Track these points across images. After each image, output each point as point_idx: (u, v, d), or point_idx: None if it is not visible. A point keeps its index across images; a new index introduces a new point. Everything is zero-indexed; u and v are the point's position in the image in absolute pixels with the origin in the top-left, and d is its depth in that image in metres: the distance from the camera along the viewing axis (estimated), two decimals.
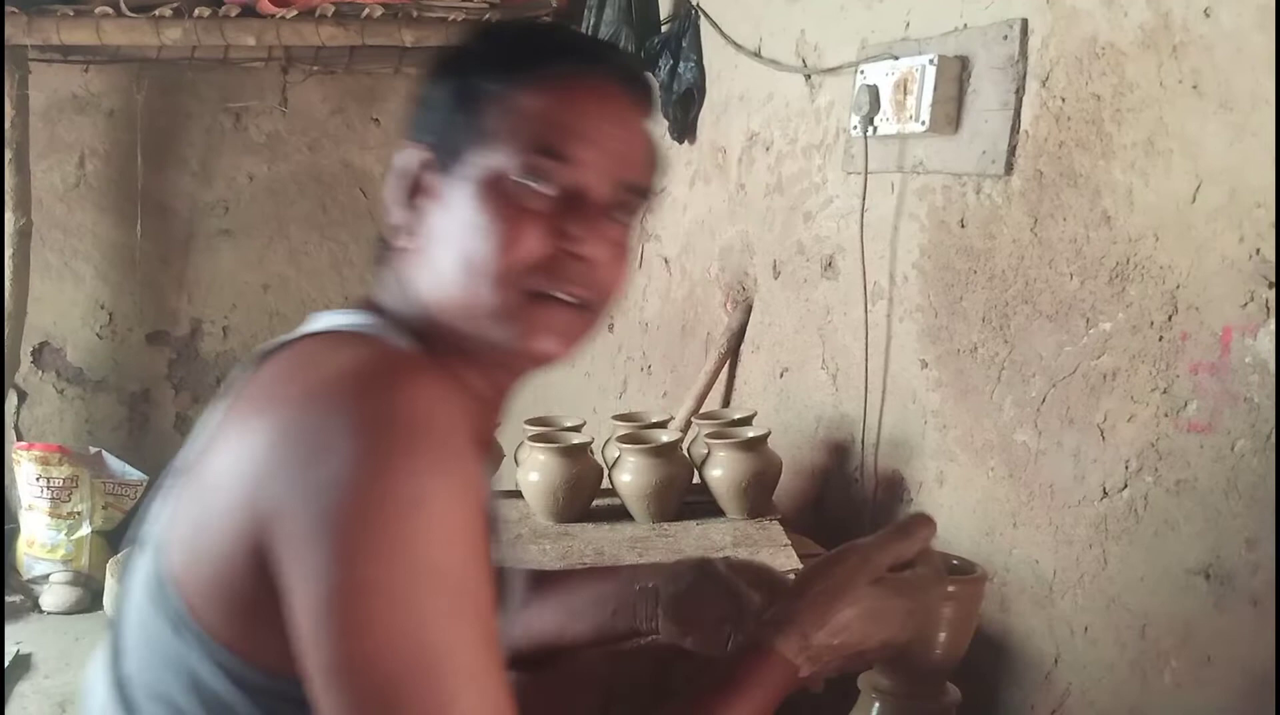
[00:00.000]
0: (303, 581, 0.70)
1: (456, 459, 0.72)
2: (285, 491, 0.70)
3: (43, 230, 3.57)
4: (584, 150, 0.83)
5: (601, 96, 0.85)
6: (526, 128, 0.83)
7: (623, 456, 1.77)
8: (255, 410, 0.76)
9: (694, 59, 2.51)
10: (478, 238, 0.82)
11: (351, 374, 0.74)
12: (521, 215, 0.82)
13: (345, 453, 0.69)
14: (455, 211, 0.83)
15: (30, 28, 2.94)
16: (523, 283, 0.82)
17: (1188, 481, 1.30)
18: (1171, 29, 1.32)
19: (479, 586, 0.73)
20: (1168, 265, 1.33)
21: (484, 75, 0.85)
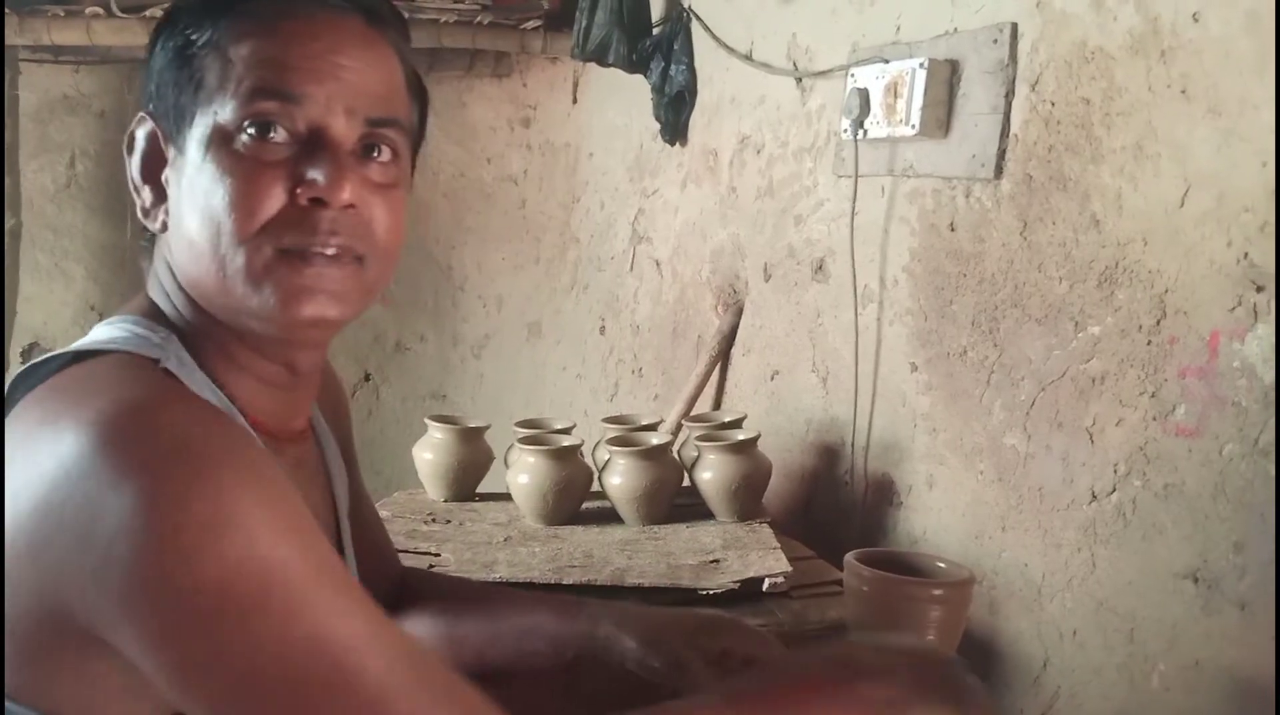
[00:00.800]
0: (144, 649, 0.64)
1: (234, 467, 0.65)
2: (79, 566, 0.63)
3: (33, 231, 3.56)
4: (311, 86, 0.77)
5: (326, 25, 0.79)
6: (246, 74, 0.76)
7: (613, 459, 1.77)
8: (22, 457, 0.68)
9: (685, 61, 2.51)
10: (214, 202, 0.76)
11: (104, 422, 0.65)
12: (256, 169, 0.76)
13: (121, 511, 0.62)
14: (190, 179, 0.77)
15: (21, 28, 2.92)
16: (271, 242, 0.76)
17: (1176, 485, 1.30)
18: (1160, 34, 1.32)
19: (325, 563, 0.68)
20: (1156, 269, 1.33)
21: (195, 27, 0.78)
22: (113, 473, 0.63)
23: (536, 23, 3.07)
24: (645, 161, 2.84)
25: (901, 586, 1.17)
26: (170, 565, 0.62)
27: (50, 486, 0.64)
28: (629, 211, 2.93)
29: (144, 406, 0.67)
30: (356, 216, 0.79)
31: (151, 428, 0.65)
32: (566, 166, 3.39)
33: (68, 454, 0.64)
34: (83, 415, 0.66)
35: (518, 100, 3.58)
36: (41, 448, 0.66)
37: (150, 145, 0.82)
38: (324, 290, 0.78)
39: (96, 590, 0.63)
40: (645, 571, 1.51)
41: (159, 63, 0.80)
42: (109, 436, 0.64)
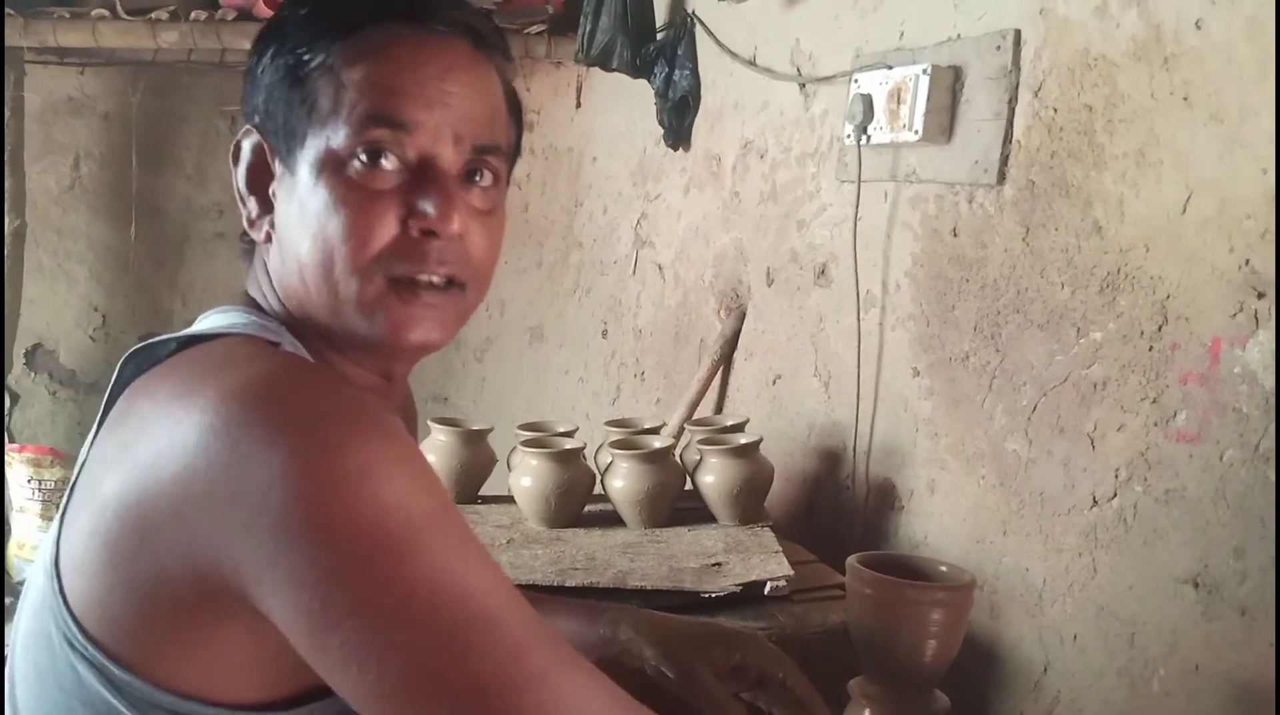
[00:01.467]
0: (290, 591, 0.65)
1: (377, 426, 0.68)
2: (228, 521, 0.65)
3: (37, 232, 3.57)
4: (422, 113, 0.78)
5: (434, 52, 0.79)
6: (359, 99, 0.77)
7: (615, 462, 1.78)
8: (155, 429, 0.70)
9: (689, 66, 2.52)
10: (328, 228, 0.77)
11: (248, 388, 0.68)
12: (370, 198, 0.77)
13: (274, 462, 0.64)
14: (301, 200, 0.78)
15: (26, 30, 2.93)
16: (383, 271, 0.78)
17: (1177, 491, 1.31)
18: (1163, 41, 1.33)
19: (458, 516, 0.70)
20: (1158, 276, 1.34)
21: (307, 47, 0.79)
22: (265, 431, 0.65)
23: (541, 27, 3.08)
24: (648, 166, 2.85)
25: (903, 590, 1.17)
26: (323, 508, 0.64)
27: (197, 451, 0.66)
28: (632, 216, 2.94)
29: (285, 374, 0.71)
30: (461, 245, 0.80)
31: (297, 391, 0.69)
32: (570, 171, 3.39)
33: (215, 419, 0.67)
34: (226, 384, 0.69)
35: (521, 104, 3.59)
36: (183, 417, 0.68)
37: (257, 158, 0.82)
38: (431, 319, 0.80)
39: (246, 538, 0.65)
40: (647, 574, 1.52)
41: (268, 78, 0.81)
42: (258, 400, 0.67)
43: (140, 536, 0.69)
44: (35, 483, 3.46)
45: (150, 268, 3.81)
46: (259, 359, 0.74)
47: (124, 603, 0.70)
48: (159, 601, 0.69)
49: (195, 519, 0.66)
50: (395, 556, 0.65)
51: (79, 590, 0.72)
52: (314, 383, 0.71)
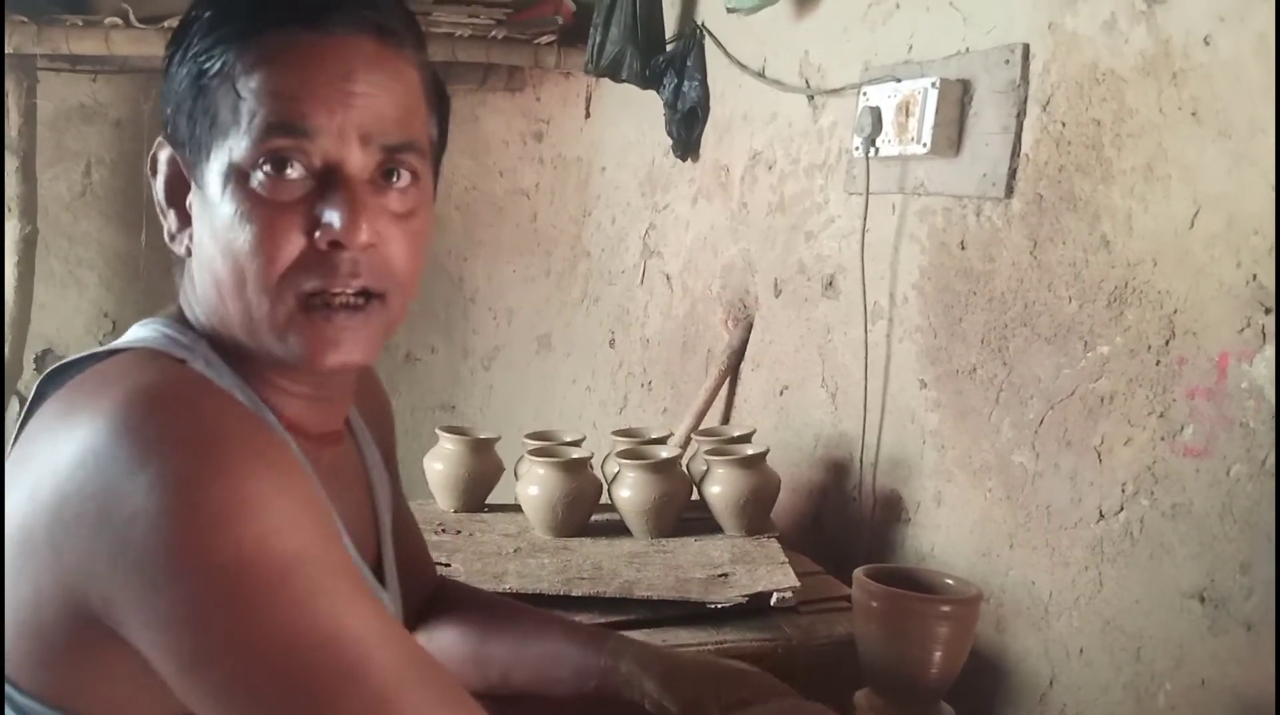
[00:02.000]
0: (154, 632, 0.64)
1: (255, 454, 0.66)
2: (95, 550, 0.64)
3: (48, 238, 3.58)
4: (323, 118, 0.74)
5: (334, 52, 0.75)
6: (257, 108, 0.73)
7: (622, 472, 1.78)
8: (40, 449, 0.69)
9: (698, 78, 2.53)
10: (236, 244, 0.74)
11: (124, 408, 0.66)
12: (275, 211, 0.74)
13: (139, 492, 0.62)
14: (211, 215, 0.75)
15: (40, 37, 2.95)
16: (293, 289, 0.75)
17: (1183, 505, 1.31)
18: (1171, 56, 1.34)
19: (339, 555, 0.68)
20: (1165, 290, 1.34)
21: (205, 54, 0.75)
22: (131, 455, 0.63)
23: (551, 38, 3.10)
24: (657, 176, 2.86)
25: (910, 603, 1.18)
26: (185, 547, 0.62)
27: (69, 474, 0.65)
28: (640, 226, 2.95)
29: (161, 392, 0.68)
30: (376, 254, 0.77)
31: (170, 412, 0.66)
32: (578, 180, 3.40)
33: (86, 439, 0.65)
34: (101, 403, 0.66)
35: (531, 114, 3.60)
36: (61, 437, 0.67)
37: (172, 170, 0.80)
38: (349, 339, 0.77)
39: (111, 572, 0.63)
40: (654, 584, 1.52)
41: (174, 89, 0.78)
42: (127, 420, 0.65)
43: (22, 560, 0.67)
44: None
45: (160, 275, 3.82)
46: (146, 375, 0.71)
47: (16, 630, 0.69)
48: (40, 626, 0.68)
49: (65, 544, 0.65)
50: (259, 600, 0.63)
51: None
52: (194, 403, 0.68)
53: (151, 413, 0.66)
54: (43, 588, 0.67)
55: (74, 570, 0.65)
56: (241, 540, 0.63)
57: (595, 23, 2.64)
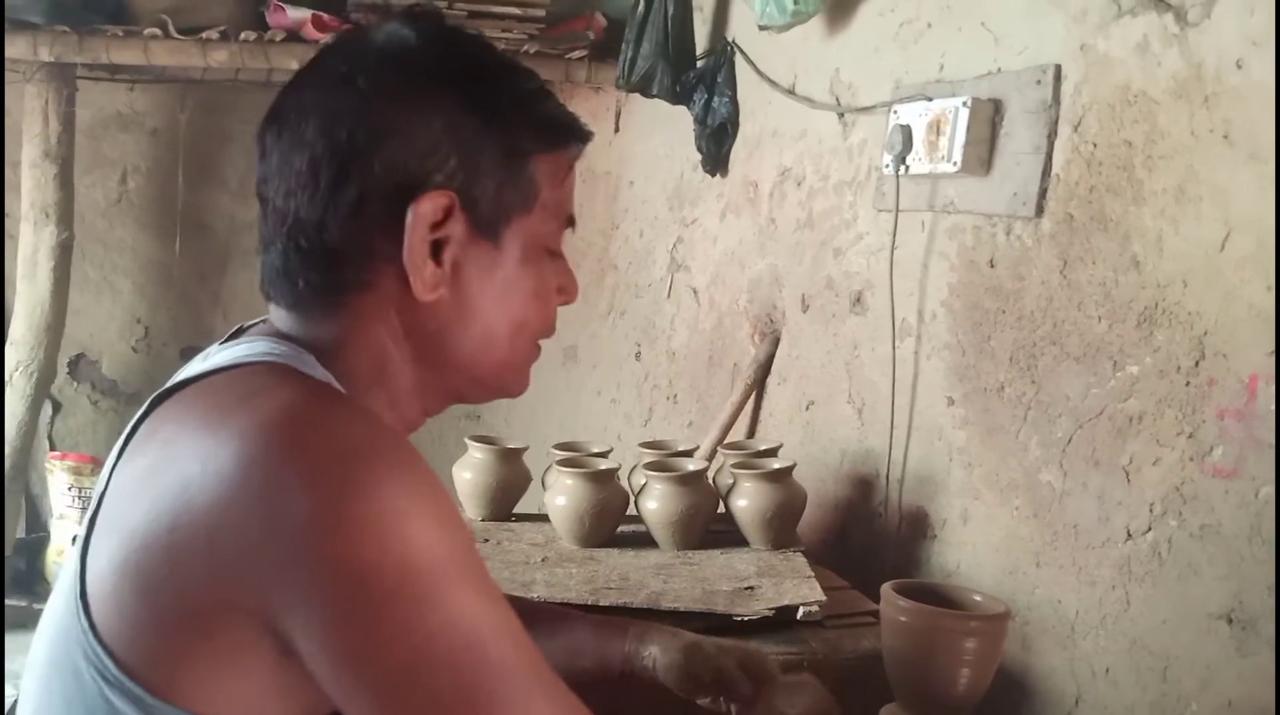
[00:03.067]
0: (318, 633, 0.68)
1: (408, 463, 0.71)
2: (261, 557, 0.67)
3: (84, 244, 3.64)
4: (574, 217, 0.92)
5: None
6: (564, 202, 0.90)
7: (649, 483, 1.79)
8: (185, 456, 0.71)
9: (729, 94, 2.55)
10: (528, 303, 0.88)
11: (281, 418, 0.70)
12: (549, 280, 0.91)
13: (308, 501, 0.67)
14: (506, 276, 0.87)
15: (81, 47, 3.01)
16: (542, 338, 0.93)
17: (1212, 526, 1.31)
18: (1204, 79, 1.34)
19: (477, 562, 0.73)
20: (1195, 311, 1.34)
21: (530, 136, 0.86)
22: (300, 467, 0.68)
23: (582, 53, 3.12)
24: (685, 191, 2.88)
25: (938, 619, 1.19)
26: (358, 548, 0.66)
27: (231, 482, 0.68)
28: (668, 240, 2.97)
29: (316, 405, 0.73)
30: None
31: (329, 424, 0.71)
32: (607, 194, 3.43)
33: (249, 449, 0.69)
34: (258, 412, 0.71)
35: None
36: (215, 445, 0.70)
37: (442, 221, 0.82)
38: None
39: (278, 578, 0.67)
40: (680, 596, 1.53)
41: (472, 144, 0.82)
42: (291, 431, 0.70)
43: (170, 565, 0.70)
44: (75, 490, 3.52)
45: (193, 282, 3.87)
46: (287, 387, 0.75)
47: (153, 632, 0.71)
48: (186, 631, 0.71)
49: (226, 550, 0.68)
50: (419, 602, 0.68)
51: (109, 621, 0.72)
52: (344, 415, 0.73)
53: (307, 426, 0.70)
54: (197, 593, 0.69)
55: (236, 574, 0.68)
56: (406, 543, 0.68)
57: (627, 38, 2.67)
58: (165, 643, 0.71)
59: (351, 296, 0.83)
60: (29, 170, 3.28)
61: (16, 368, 3.31)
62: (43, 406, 3.54)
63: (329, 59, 0.86)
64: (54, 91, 3.24)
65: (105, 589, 0.72)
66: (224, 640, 0.70)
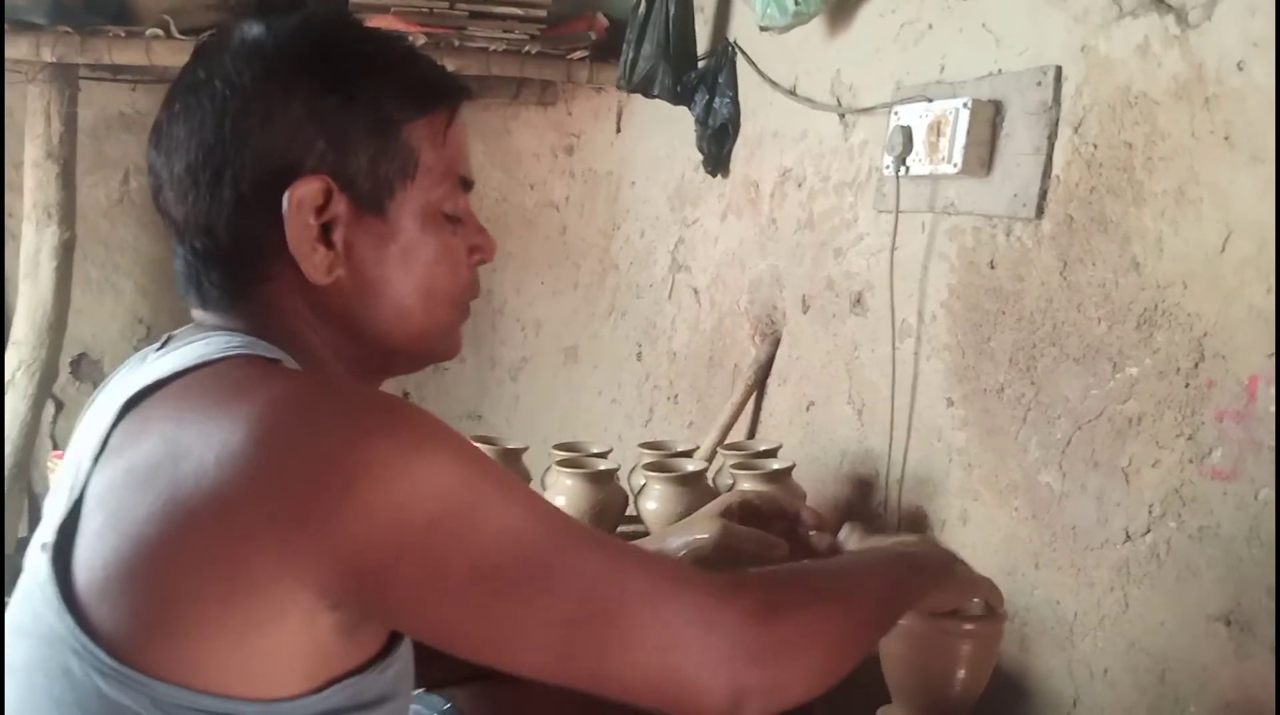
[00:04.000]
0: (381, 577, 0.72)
1: (420, 413, 0.76)
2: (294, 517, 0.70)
3: (86, 245, 3.63)
4: (470, 175, 0.93)
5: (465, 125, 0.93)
6: (453, 164, 0.90)
7: (649, 484, 1.79)
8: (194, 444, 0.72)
9: (730, 95, 2.55)
10: (434, 273, 0.90)
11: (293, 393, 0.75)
12: (455, 243, 0.92)
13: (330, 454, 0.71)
14: (398, 245, 0.88)
15: (83, 47, 3.00)
16: (465, 301, 0.95)
17: (1210, 528, 1.31)
18: (1205, 81, 1.34)
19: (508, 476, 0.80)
20: (1195, 313, 1.34)
21: (398, 106, 0.86)
22: (316, 431, 0.71)
23: (584, 53, 3.12)
24: (686, 191, 2.88)
25: (934, 620, 1.18)
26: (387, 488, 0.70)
27: (251, 458, 0.70)
28: (669, 240, 2.97)
29: (314, 384, 0.78)
30: None
31: (331, 394, 0.76)
32: (608, 194, 3.43)
33: (264, 426, 0.71)
34: (264, 396, 0.73)
35: (562, 128, 3.63)
36: (230, 428, 0.71)
37: (323, 204, 0.84)
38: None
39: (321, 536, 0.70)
40: None
41: (338, 125, 0.84)
42: (302, 405, 0.74)
43: (190, 545, 0.71)
44: None
45: None
46: (279, 373, 0.79)
47: (165, 613, 0.72)
48: (208, 606, 0.71)
49: (256, 524, 0.70)
50: (464, 517, 0.73)
51: (112, 615, 0.72)
52: (341, 385, 0.81)
53: (312, 397, 0.75)
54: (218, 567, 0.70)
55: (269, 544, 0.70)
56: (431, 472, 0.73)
57: (628, 39, 2.67)
58: (182, 627, 0.72)
59: (257, 290, 0.86)
60: (31, 170, 3.28)
61: (19, 367, 3.31)
62: (45, 406, 3.54)
63: (191, 65, 0.87)
64: (56, 92, 3.24)
65: (104, 585, 0.72)
66: (255, 612, 0.71)
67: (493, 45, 3.03)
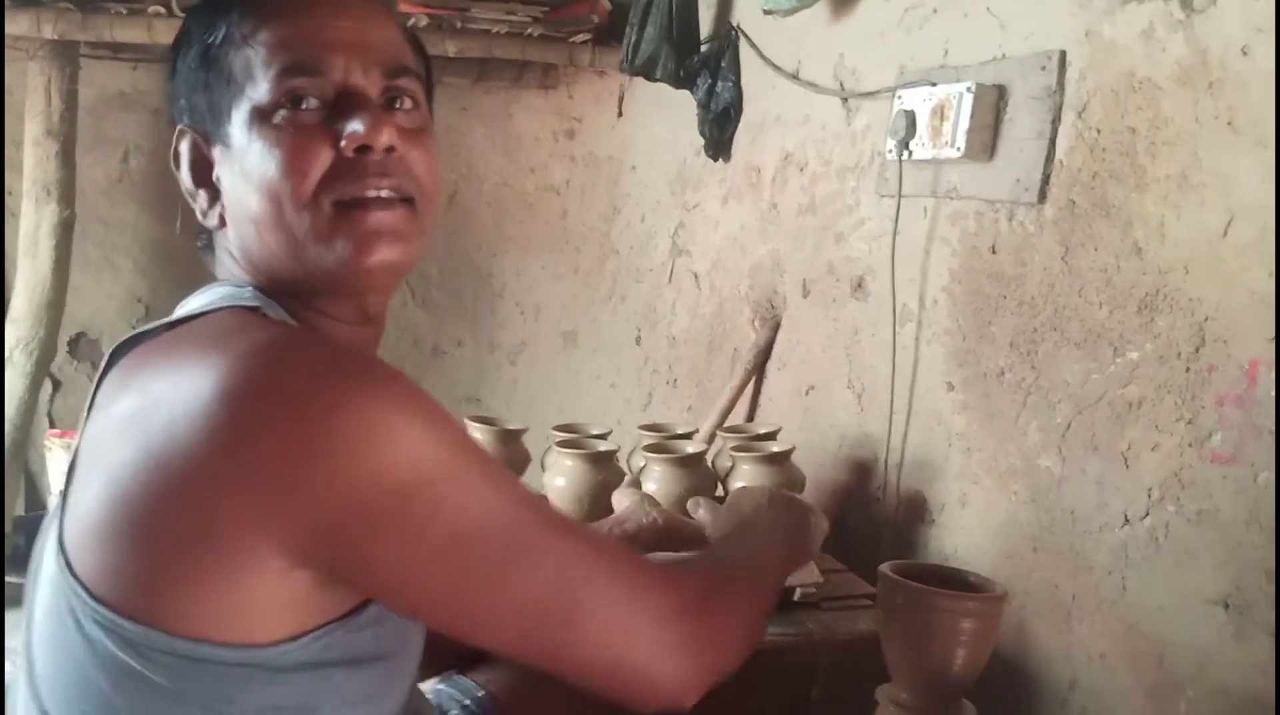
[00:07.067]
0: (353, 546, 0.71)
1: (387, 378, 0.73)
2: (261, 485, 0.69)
3: (84, 223, 3.62)
4: (330, 55, 0.83)
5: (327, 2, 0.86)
6: (272, 57, 0.83)
7: (648, 465, 1.80)
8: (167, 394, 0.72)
9: (732, 79, 2.54)
10: (269, 174, 0.82)
11: (262, 349, 0.72)
12: (299, 134, 0.82)
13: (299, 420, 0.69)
14: (240, 162, 0.84)
15: (84, 24, 2.99)
16: (329, 197, 0.82)
17: (1209, 512, 1.31)
18: (1209, 66, 1.34)
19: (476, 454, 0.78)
20: (1197, 298, 1.35)
21: (208, 31, 0.86)
22: (286, 395, 0.70)
23: (586, 36, 3.11)
24: (687, 176, 2.87)
25: (935, 599, 1.19)
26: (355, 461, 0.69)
27: (217, 416, 0.69)
28: (669, 224, 2.97)
29: (286, 341, 0.75)
30: (399, 161, 0.85)
31: (301, 354, 0.73)
32: (609, 178, 3.42)
33: (231, 383, 0.70)
34: (236, 349, 0.72)
35: (563, 112, 3.62)
36: (200, 380, 0.71)
37: (195, 153, 0.88)
38: (387, 233, 0.84)
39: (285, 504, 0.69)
40: None
41: (183, 75, 0.88)
42: (270, 364, 0.71)
43: (164, 498, 0.71)
44: None
45: (193, 262, 3.78)
46: (256, 326, 0.78)
47: (140, 559, 0.73)
48: (183, 557, 0.72)
49: (223, 481, 0.69)
50: (434, 491, 0.72)
51: (89, 558, 0.74)
52: (313, 344, 0.75)
53: (282, 356, 0.72)
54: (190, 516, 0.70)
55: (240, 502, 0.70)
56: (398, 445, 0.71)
57: (631, 22, 2.66)
58: (154, 569, 0.73)
59: (216, 245, 0.91)
60: (31, 148, 3.27)
61: (16, 345, 3.31)
62: (43, 384, 3.53)
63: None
64: (57, 69, 3.23)
65: (88, 528, 0.74)
66: (225, 563, 0.71)
67: (495, 27, 3.02)
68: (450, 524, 0.73)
